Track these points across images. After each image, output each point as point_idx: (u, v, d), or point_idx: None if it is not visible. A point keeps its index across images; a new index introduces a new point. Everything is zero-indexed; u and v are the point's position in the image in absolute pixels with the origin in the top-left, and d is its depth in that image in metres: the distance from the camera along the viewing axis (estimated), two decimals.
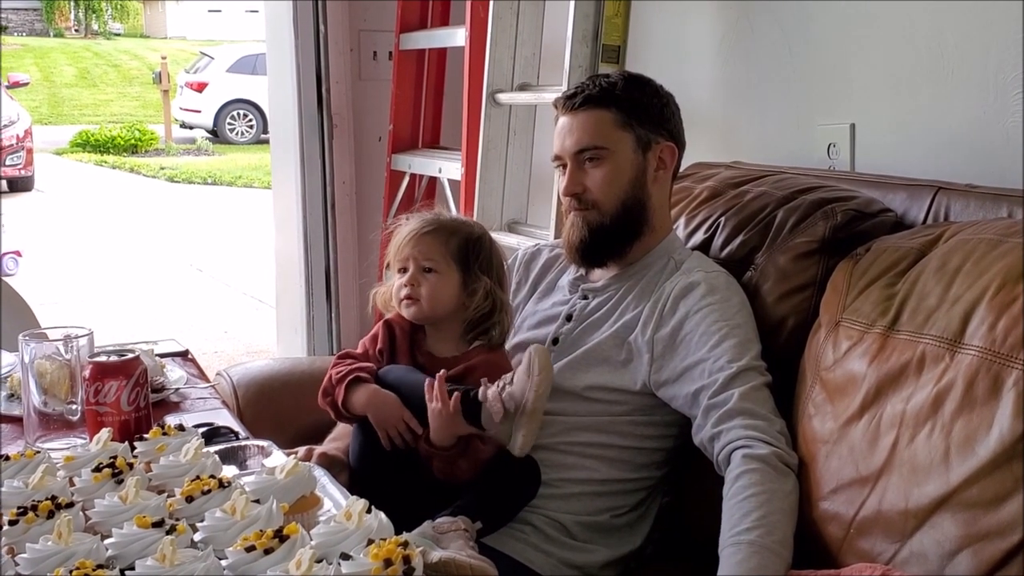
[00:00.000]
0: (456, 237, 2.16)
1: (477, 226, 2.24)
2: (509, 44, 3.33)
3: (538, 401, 1.89)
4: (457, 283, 2.15)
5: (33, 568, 1.33)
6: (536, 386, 1.89)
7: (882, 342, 1.82)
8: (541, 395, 1.90)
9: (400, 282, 2.15)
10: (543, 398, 1.90)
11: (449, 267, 2.14)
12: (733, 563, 1.72)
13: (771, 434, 1.90)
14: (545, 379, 1.90)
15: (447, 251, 2.14)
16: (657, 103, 2.19)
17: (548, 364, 1.92)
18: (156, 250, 10.05)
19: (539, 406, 1.90)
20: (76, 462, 1.67)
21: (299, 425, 2.34)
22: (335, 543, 1.35)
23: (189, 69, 19.74)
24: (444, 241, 2.15)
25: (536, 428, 1.91)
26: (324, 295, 4.14)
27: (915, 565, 1.62)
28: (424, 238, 2.14)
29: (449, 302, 2.15)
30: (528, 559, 2.03)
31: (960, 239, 1.85)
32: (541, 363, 1.90)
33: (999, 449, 1.56)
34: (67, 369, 2.01)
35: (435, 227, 2.16)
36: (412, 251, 2.14)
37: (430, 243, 2.14)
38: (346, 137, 4.11)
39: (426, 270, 2.14)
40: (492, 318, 2.17)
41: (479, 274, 2.16)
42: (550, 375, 1.92)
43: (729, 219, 2.29)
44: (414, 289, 2.13)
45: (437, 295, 2.13)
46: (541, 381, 1.89)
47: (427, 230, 2.15)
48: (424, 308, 2.14)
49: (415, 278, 2.14)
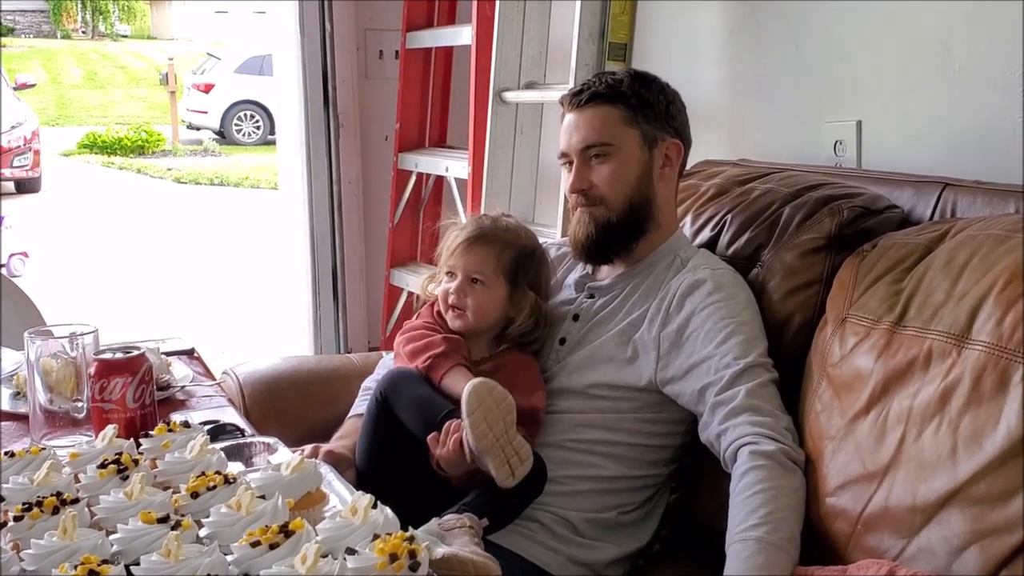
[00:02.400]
0: (509, 251, 2.16)
1: (531, 238, 2.23)
2: (515, 42, 3.33)
3: (481, 440, 1.87)
4: (504, 297, 2.16)
5: (38, 564, 1.33)
6: (471, 427, 1.87)
7: (889, 338, 1.82)
8: (481, 434, 1.87)
9: (447, 287, 2.17)
10: (486, 435, 1.87)
11: (498, 280, 2.15)
12: (740, 560, 1.71)
13: (778, 430, 1.89)
14: (478, 418, 1.86)
15: (498, 264, 2.15)
16: (663, 100, 2.19)
17: (480, 400, 1.87)
18: (163, 250, 10.05)
19: (486, 443, 1.87)
20: (81, 459, 1.67)
21: (306, 424, 2.34)
22: (341, 538, 1.35)
23: (196, 70, 19.75)
24: (497, 254, 2.15)
25: (503, 459, 1.89)
26: (331, 294, 4.14)
27: (922, 561, 1.62)
28: (477, 248, 2.15)
29: (493, 316, 2.16)
30: (536, 557, 2.03)
31: (967, 235, 1.84)
32: (470, 406, 1.87)
33: (1007, 444, 1.55)
34: (72, 367, 2.01)
35: (490, 238, 2.16)
36: (462, 260, 2.15)
37: (482, 254, 2.15)
38: (352, 136, 4.11)
39: (474, 280, 2.14)
40: (533, 334, 2.19)
41: (526, 290, 2.16)
42: (486, 410, 1.88)
43: (735, 216, 2.28)
44: (460, 300, 2.15)
45: (482, 308, 2.15)
46: (473, 422, 1.86)
47: (482, 241, 2.15)
48: (469, 320, 2.15)
49: (462, 289, 2.15)
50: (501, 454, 1.88)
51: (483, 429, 1.86)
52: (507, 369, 2.13)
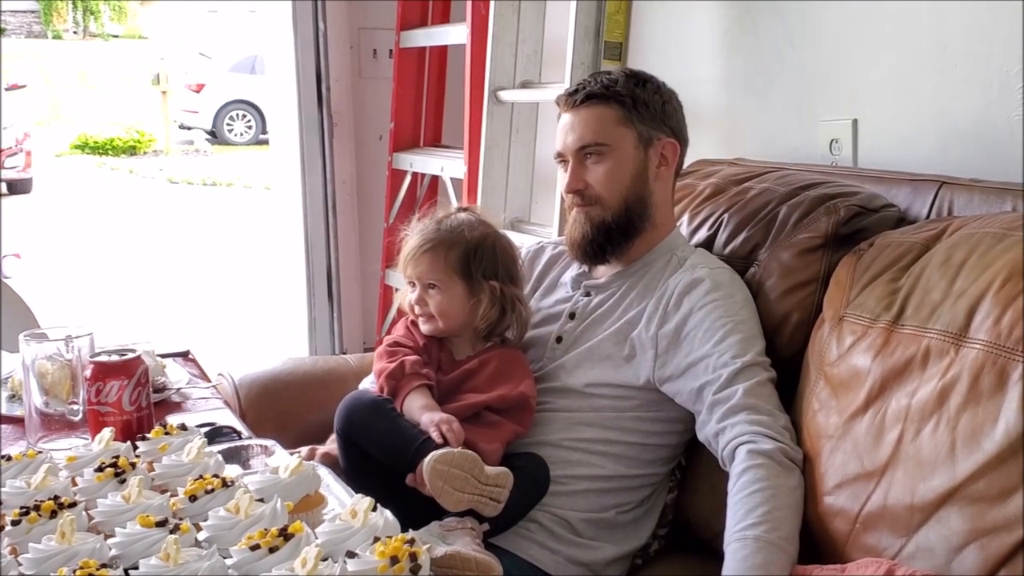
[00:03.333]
0: (455, 250, 2.16)
1: (479, 229, 2.22)
2: (511, 41, 3.32)
3: (458, 506, 1.87)
4: (462, 294, 2.16)
5: (36, 568, 1.32)
6: (445, 503, 1.86)
7: (886, 336, 1.82)
8: (456, 501, 1.86)
9: (410, 299, 2.19)
10: (461, 500, 1.86)
11: (452, 280, 2.15)
12: (739, 559, 1.71)
13: (776, 429, 1.89)
14: (447, 493, 1.85)
15: (447, 265, 2.15)
16: (658, 100, 2.19)
17: (441, 476, 1.85)
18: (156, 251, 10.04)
19: (464, 504, 1.87)
20: (78, 462, 1.66)
21: (302, 425, 2.34)
22: (341, 541, 1.34)
23: (188, 70, 19.72)
24: (443, 256, 2.15)
25: (485, 501, 1.88)
26: (326, 295, 4.13)
27: (921, 560, 1.62)
28: (423, 257, 2.16)
29: (460, 313, 2.17)
30: (534, 557, 2.03)
31: (964, 233, 1.84)
32: (434, 488, 1.85)
33: (1005, 443, 1.55)
34: (68, 369, 2.01)
35: (433, 243, 2.16)
36: (414, 271, 2.17)
37: (430, 261, 2.15)
38: (347, 136, 4.10)
39: (431, 286, 2.16)
40: (504, 322, 2.19)
41: (482, 281, 2.16)
42: (450, 481, 1.86)
43: (732, 216, 2.28)
44: (423, 308, 2.17)
45: (445, 310, 2.15)
46: (444, 499, 1.85)
47: (426, 248, 2.16)
48: (439, 323, 2.17)
49: (422, 298, 2.17)
50: (480, 500, 1.88)
51: (456, 497, 1.86)
52: (491, 364, 2.15)
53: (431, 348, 2.18)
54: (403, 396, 2.07)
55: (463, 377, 2.14)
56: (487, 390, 2.10)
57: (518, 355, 2.20)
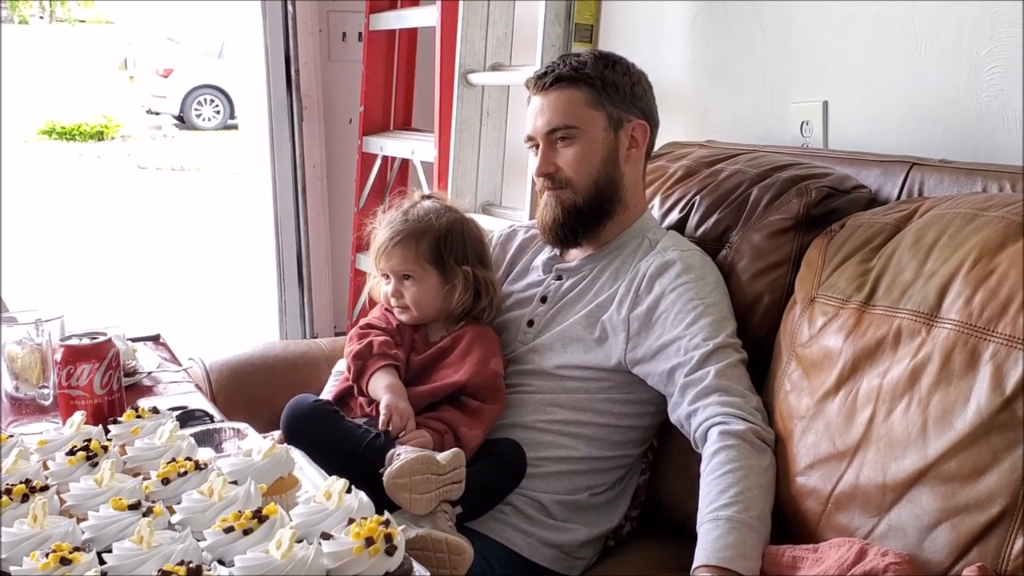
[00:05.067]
0: (425, 240, 2.17)
1: (445, 215, 2.22)
2: (481, 24, 3.31)
3: (428, 507, 1.84)
4: (436, 282, 2.18)
5: (9, 551, 1.32)
6: (415, 510, 1.83)
7: (858, 317, 1.83)
8: (427, 503, 1.83)
9: (386, 291, 2.21)
10: (431, 502, 1.84)
11: (425, 270, 2.17)
12: (711, 539, 1.72)
13: (747, 410, 1.90)
14: (415, 500, 1.82)
15: (418, 255, 2.17)
16: (628, 81, 2.19)
17: (400, 488, 1.82)
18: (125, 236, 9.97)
19: (433, 504, 1.85)
20: (50, 446, 1.65)
21: (273, 409, 2.31)
22: (315, 523, 1.34)
23: (155, 55, 19.57)
24: (414, 247, 2.17)
25: (449, 489, 1.86)
26: (296, 279, 4.12)
27: (893, 539, 1.63)
28: (395, 250, 2.17)
29: (435, 302, 2.19)
30: (508, 540, 2.03)
31: (935, 214, 1.85)
32: (399, 499, 1.82)
33: (976, 422, 1.57)
34: (38, 353, 2.00)
35: (403, 235, 2.17)
36: (387, 264, 2.19)
37: (401, 253, 2.17)
38: (316, 120, 4.08)
39: (405, 277, 2.18)
40: (478, 305, 2.21)
41: (455, 267, 2.17)
42: (412, 488, 1.82)
43: (704, 198, 2.29)
44: (399, 299, 2.19)
45: (421, 300, 2.18)
46: (413, 504, 1.82)
47: (396, 240, 2.17)
48: (415, 313, 2.19)
49: (397, 290, 2.19)
50: (446, 488, 1.86)
51: (426, 500, 1.83)
52: (464, 341, 2.17)
53: (404, 330, 2.19)
54: (368, 375, 2.09)
55: (437, 355, 2.16)
56: (459, 366, 2.12)
57: (488, 332, 2.21)
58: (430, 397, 2.08)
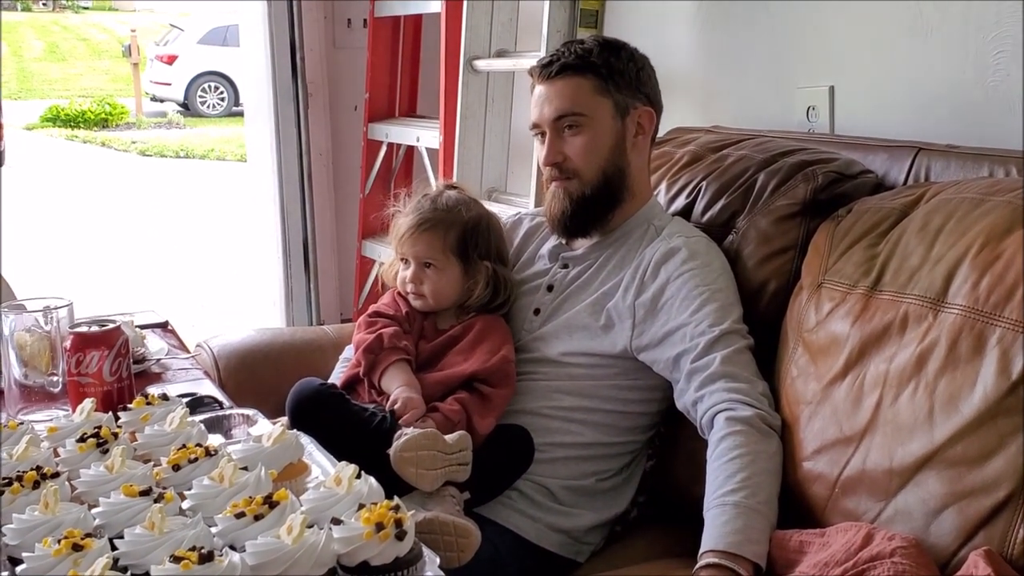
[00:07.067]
0: (454, 230, 2.18)
1: (475, 209, 2.23)
2: (486, 10, 3.31)
3: (435, 483, 1.85)
4: (458, 275, 2.19)
5: (21, 538, 1.32)
6: (423, 487, 1.84)
7: (865, 302, 1.83)
8: (433, 479, 1.84)
9: (404, 275, 2.20)
10: (437, 478, 1.85)
11: (449, 261, 2.18)
12: (718, 524, 1.72)
13: (754, 396, 1.90)
14: (421, 475, 1.83)
15: (445, 246, 2.17)
16: (633, 67, 2.18)
17: (407, 462, 1.83)
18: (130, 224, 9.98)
19: (440, 480, 1.86)
20: (60, 433, 1.65)
21: (281, 395, 2.32)
22: (326, 508, 1.34)
23: (159, 41, 19.54)
24: (442, 236, 2.17)
25: (456, 468, 1.88)
26: (303, 266, 4.12)
27: (900, 523, 1.63)
28: (423, 236, 2.17)
29: (453, 294, 2.20)
30: (515, 524, 2.04)
31: (942, 199, 1.85)
32: (405, 476, 1.83)
33: (983, 407, 1.57)
34: (47, 341, 2.00)
35: (432, 223, 2.17)
36: (411, 248, 2.18)
37: (429, 240, 2.17)
38: (321, 107, 4.09)
39: (427, 265, 2.17)
40: (495, 301, 2.21)
41: (478, 261, 2.18)
42: (418, 464, 1.84)
43: (710, 183, 2.28)
44: (417, 286, 2.18)
45: (439, 289, 2.18)
46: (420, 481, 1.83)
47: (425, 227, 2.17)
48: (430, 302, 2.19)
49: (417, 275, 2.18)
50: (452, 469, 1.88)
51: (432, 476, 1.84)
52: (474, 330, 2.17)
53: (414, 316, 2.19)
54: (381, 371, 2.09)
55: (447, 343, 2.16)
56: (470, 354, 2.12)
57: (498, 321, 2.21)
58: (443, 387, 2.09)
